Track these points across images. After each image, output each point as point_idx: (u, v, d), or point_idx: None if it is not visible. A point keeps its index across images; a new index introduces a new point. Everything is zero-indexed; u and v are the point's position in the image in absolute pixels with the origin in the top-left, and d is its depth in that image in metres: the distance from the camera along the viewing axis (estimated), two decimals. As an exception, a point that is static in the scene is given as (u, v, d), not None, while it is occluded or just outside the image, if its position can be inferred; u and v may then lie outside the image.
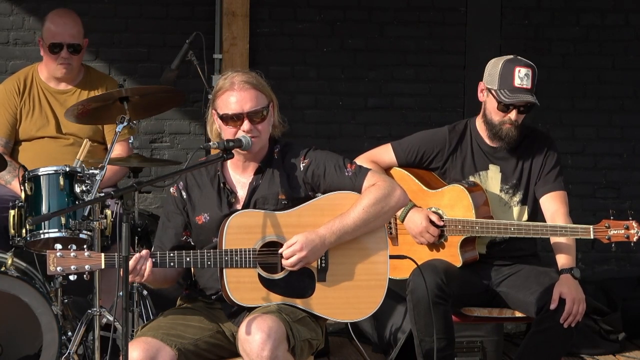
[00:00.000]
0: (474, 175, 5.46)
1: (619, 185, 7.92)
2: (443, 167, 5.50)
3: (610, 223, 5.14)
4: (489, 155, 5.47)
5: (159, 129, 7.59)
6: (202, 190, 4.70)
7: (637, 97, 7.93)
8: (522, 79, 5.35)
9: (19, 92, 6.19)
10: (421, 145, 5.53)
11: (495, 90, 5.35)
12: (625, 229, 5.14)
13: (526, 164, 5.45)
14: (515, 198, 5.44)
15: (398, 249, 5.41)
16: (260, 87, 4.62)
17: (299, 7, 7.64)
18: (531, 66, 5.38)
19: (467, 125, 5.54)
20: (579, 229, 5.19)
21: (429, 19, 7.75)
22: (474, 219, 5.30)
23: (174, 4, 7.53)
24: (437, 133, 5.56)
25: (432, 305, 5.14)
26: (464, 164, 5.48)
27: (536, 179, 5.43)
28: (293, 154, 4.70)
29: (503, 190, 5.45)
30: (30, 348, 5.54)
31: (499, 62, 5.40)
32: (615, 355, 6.74)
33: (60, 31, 6.11)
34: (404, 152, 5.53)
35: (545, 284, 5.26)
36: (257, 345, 4.33)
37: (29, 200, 5.56)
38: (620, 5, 7.87)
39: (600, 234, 5.16)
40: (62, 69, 6.17)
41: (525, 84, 5.34)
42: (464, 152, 5.49)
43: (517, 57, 5.44)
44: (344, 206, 4.59)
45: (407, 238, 5.44)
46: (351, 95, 7.72)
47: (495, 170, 5.46)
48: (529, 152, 5.46)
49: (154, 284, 4.70)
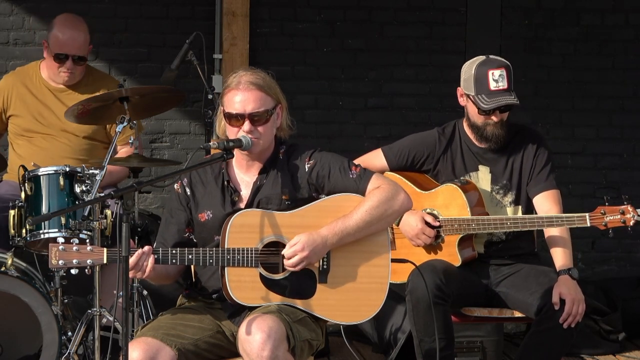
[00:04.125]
0: (465, 176, 5.46)
1: (619, 185, 7.91)
2: (435, 170, 5.50)
3: (605, 209, 5.15)
4: (478, 156, 5.46)
5: (159, 129, 7.59)
6: (205, 187, 4.69)
7: (637, 97, 7.93)
8: (497, 81, 5.31)
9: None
10: (411, 149, 5.52)
11: (473, 95, 5.33)
12: (621, 214, 5.15)
13: (516, 164, 5.43)
14: (507, 198, 5.43)
15: (396, 253, 5.39)
16: (266, 88, 4.61)
17: (299, 7, 7.64)
18: (504, 65, 5.34)
19: (455, 126, 5.53)
20: (575, 218, 5.20)
21: (429, 19, 7.75)
22: (469, 217, 5.29)
23: (174, 4, 7.53)
24: (427, 136, 5.55)
25: (431, 305, 5.14)
26: (455, 165, 5.47)
27: (527, 179, 5.42)
28: (298, 154, 4.70)
29: (494, 190, 5.44)
30: (30, 348, 5.54)
31: (472, 66, 5.37)
32: (615, 355, 6.73)
33: (68, 43, 6.11)
34: (395, 156, 5.52)
35: (544, 284, 5.25)
36: (257, 345, 4.33)
37: (29, 200, 5.56)
38: (620, 5, 7.87)
39: (596, 221, 5.17)
40: (65, 77, 6.18)
41: (501, 85, 5.31)
42: (454, 154, 5.48)
43: (490, 57, 5.40)
44: (348, 208, 4.59)
45: (405, 242, 5.44)
46: (351, 95, 7.72)
47: (485, 170, 5.45)
48: (519, 151, 5.44)
49: (155, 280, 4.70)
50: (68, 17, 6.25)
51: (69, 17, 6.25)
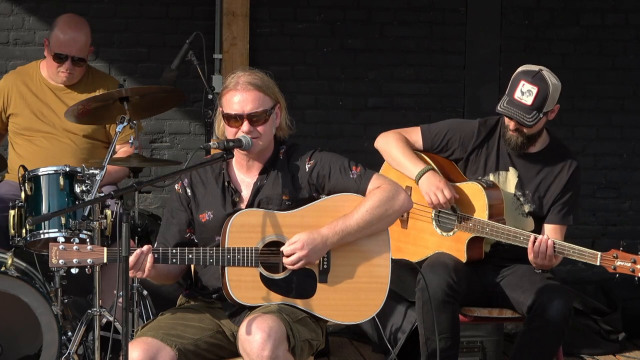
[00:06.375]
0: (494, 174, 5.42)
1: (619, 185, 7.92)
2: (467, 160, 5.46)
3: (618, 254, 5.05)
4: (512, 157, 5.43)
5: (159, 129, 7.59)
6: (206, 188, 4.69)
7: (637, 97, 7.93)
8: (524, 94, 5.26)
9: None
10: (449, 131, 5.49)
11: (503, 96, 5.32)
12: (632, 263, 5.04)
13: (544, 182, 5.39)
14: (525, 207, 5.41)
15: (405, 233, 5.37)
16: (264, 88, 4.61)
17: (299, 7, 7.64)
18: (539, 85, 5.26)
19: (498, 122, 5.48)
20: (586, 253, 5.13)
21: (429, 19, 7.75)
22: (486, 220, 5.27)
23: (174, 4, 7.52)
24: (468, 123, 5.52)
25: (442, 303, 5.13)
26: (487, 160, 5.43)
27: (551, 204, 5.37)
28: (298, 155, 4.70)
29: (516, 195, 5.41)
30: (30, 348, 5.54)
31: (519, 68, 5.35)
32: (615, 355, 6.73)
33: (68, 43, 6.10)
34: (431, 135, 5.49)
35: (536, 282, 5.26)
36: (257, 345, 4.33)
37: (29, 200, 5.56)
38: (620, 5, 7.87)
39: (606, 262, 5.08)
40: (63, 77, 6.18)
41: (525, 100, 5.26)
42: (490, 148, 5.44)
43: (539, 71, 5.30)
44: (348, 208, 4.59)
45: (417, 223, 5.42)
46: (351, 95, 7.72)
47: (514, 173, 5.42)
48: (552, 171, 5.40)
49: (157, 280, 4.70)
50: (71, 17, 6.25)
51: (72, 17, 6.25)
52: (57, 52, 6.12)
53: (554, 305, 5.15)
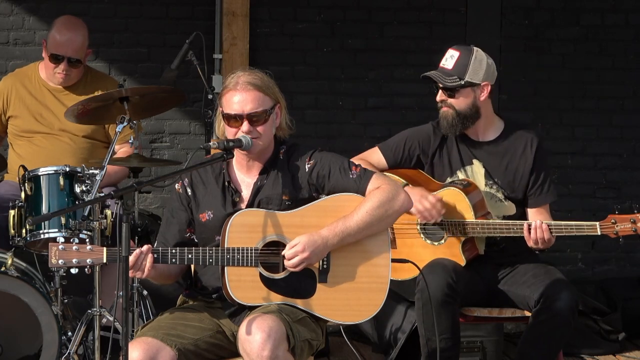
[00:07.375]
0: (461, 170, 5.42)
1: (619, 185, 7.92)
2: (431, 163, 5.46)
3: (616, 218, 5.12)
4: (472, 150, 5.44)
5: (159, 129, 7.59)
6: (206, 187, 4.70)
7: (637, 97, 7.93)
8: (447, 60, 5.33)
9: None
10: (407, 140, 5.50)
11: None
12: (632, 223, 5.11)
13: (510, 165, 5.38)
14: (499, 194, 5.40)
15: (397, 253, 5.38)
16: (264, 88, 4.61)
17: (299, 7, 7.64)
18: (461, 50, 5.32)
19: None
20: (585, 226, 5.17)
21: (429, 19, 7.75)
22: (475, 221, 5.27)
23: (174, 4, 7.53)
24: (422, 129, 5.53)
25: (441, 304, 5.13)
26: (451, 158, 5.44)
27: (525, 187, 5.37)
28: (298, 155, 4.70)
29: (487, 185, 5.42)
30: (30, 348, 5.54)
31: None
32: (615, 355, 6.73)
33: (64, 44, 6.11)
34: (391, 151, 5.50)
35: (540, 275, 5.26)
36: (257, 345, 4.33)
37: (29, 200, 5.56)
38: (620, 5, 7.87)
39: (607, 230, 5.14)
40: (60, 78, 6.18)
41: (446, 64, 5.32)
42: (450, 147, 5.44)
43: (470, 45, 5.39)
44: (348, 208, 4.59)
45: (406, 241, 5.43)
46: (351, 95, 7.72)
47: (479, 165, 5.43)
48: (514, 153, 5.39)
49: (157, 280, 4.69)
50: (69, 19, 6.25)
51: (69, 19, 6.25)
52: (53, 52, 6.13)
53: (561, 297, 5.13)
